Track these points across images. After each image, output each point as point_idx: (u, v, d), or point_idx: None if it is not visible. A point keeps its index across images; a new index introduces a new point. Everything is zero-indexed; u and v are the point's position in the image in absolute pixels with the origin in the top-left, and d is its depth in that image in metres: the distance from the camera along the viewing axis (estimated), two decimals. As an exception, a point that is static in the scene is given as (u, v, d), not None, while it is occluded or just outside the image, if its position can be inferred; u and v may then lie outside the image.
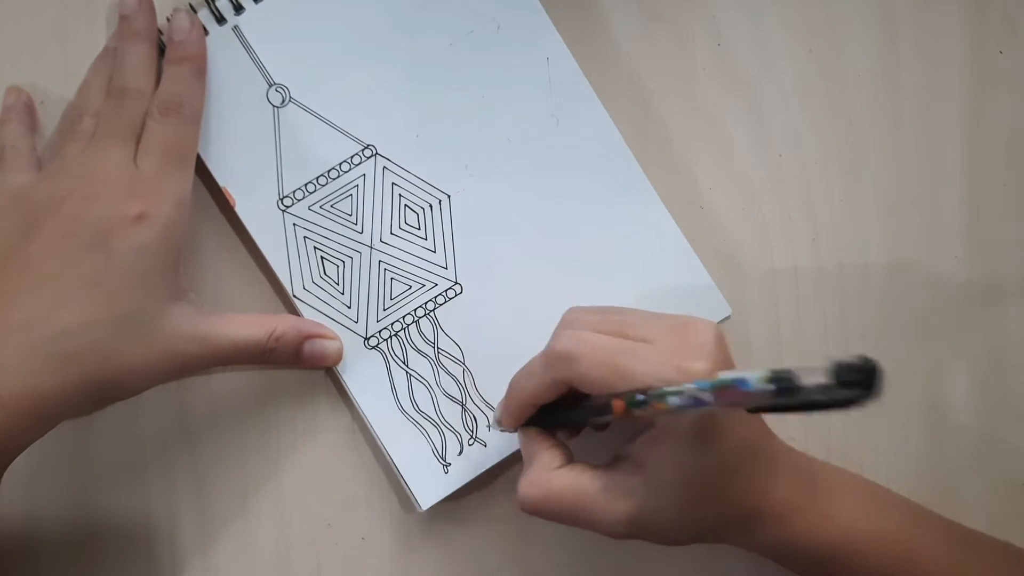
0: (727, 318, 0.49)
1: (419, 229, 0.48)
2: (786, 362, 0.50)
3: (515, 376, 0.44)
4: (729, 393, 0.34)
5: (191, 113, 0.46)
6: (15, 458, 0.43)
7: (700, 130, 0.50)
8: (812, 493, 0.43)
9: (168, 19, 0.46)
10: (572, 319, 0.43)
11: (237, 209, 0.47)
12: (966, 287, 0.51)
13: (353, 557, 0.49)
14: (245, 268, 0.49)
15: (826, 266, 0.51)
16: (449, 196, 0.49)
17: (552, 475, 0.42)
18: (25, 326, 0.42)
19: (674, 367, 0.38)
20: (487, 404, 0.48)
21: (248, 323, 0.46)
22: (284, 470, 0.49)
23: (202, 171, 0.47)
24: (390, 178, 0.48)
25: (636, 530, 0.41)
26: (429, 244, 0.48)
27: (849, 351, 0.50)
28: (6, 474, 0.42)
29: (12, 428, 0.41)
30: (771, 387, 0.33)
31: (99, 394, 0.43)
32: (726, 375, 0.35)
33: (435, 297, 0.48)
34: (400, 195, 0.48)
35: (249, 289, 0.49)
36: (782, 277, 0.50)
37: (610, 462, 0.43)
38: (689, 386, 0.36)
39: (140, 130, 0.45)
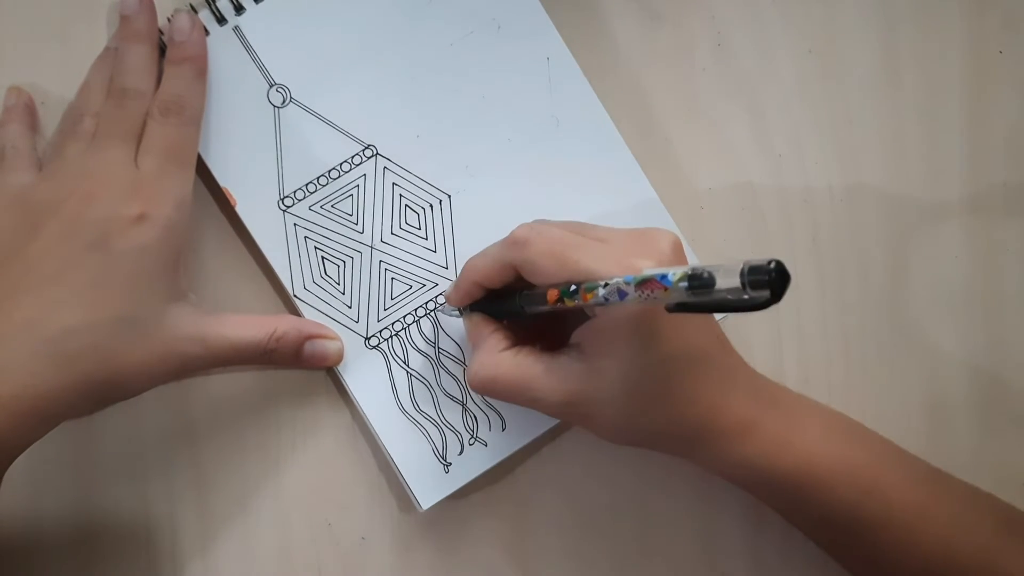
0: (726, 317, 0.49)
1: (420, 229, 0.48)
2: (785, 361, 0.50)
3: (471, 257, 0.45)
4: (649, 285, 0.35)
5: (192, 113, 0.46)
6: (15, 458, 0.43)
7: (700, 130, 0.50)
8: (771, 415, 0.43)
9: (169, 19, 0.46)
10: (541, 219, 0.44)
11: (238, 209, 0.47)
12: (966, 286, 0.51)
13: (353, 557, 0.49)
14: (245, 268, 0.49)
15: (826, 266, 0.51)
16: (449, 196, 0.49)
17: (499, 357, 0.43)
18: (25, 326, 0.42)
19: (616, 262, 0.39)
20: (488, 404, 0.48)
21: (248, 324, 0.46)
22: (284, 470, 0.49)
23: (203, 171, 0.47)
24: (391, 178, 0.48)
25: (575, 412, 0.43)
26: (430, 244, 0.48)
27: (849, 351, 0.51)
28: (6, 474, 0.42)
29: (12, 429, 0.41)
30: (685, 283, 0.34)
31: (99, 394, 0.44)
32: (651, 271, 0.36)
33: (436, 297, 0.48)
34: (401, 195, 0.48)
35: (249, 289, 0.49)
36: (782, 277, 0.50)
37: (557, 350, 0.43)
38: (616, 279, 0.37)
39: (141, 130, 0.45)
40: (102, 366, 0.42)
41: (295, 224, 0.48)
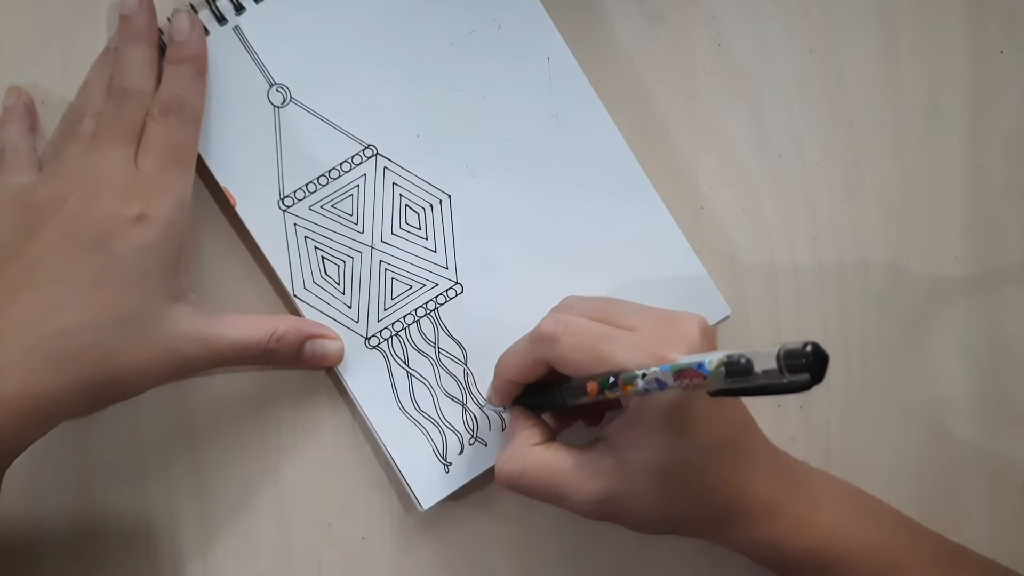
0: (726, 318, 0.49)
1: (420, 229, 0.48)
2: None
3: (502, 355, 0.45)
4: (687, 375, 0.36)
5: (192, 113, 0.46)
6: (15, 458, 0.42)
7: (700, 130, 0.50)
8: (794, 495, 0.43)
9: (169, 19, 0.46)
10: (565, 305, 0.45)
11: (238, 209, 0.47)
12: (966, 287, 0.51)
13: (353, 557, 0.49)
14: (246, 268, 0.49)
15: (826, 266, 0.51)
16: (450, 196, 0.49)
17: (528, 451, 0.43)
18: (25, 326, 0.42)
19: (650, 353, 0.39)
20: (488, 404, 0.48)
21: (248, 324, 0.46)
22: (284, 470, 0.49)
23: (203, 171, 0.47)
24: (391, 178, 0.48)
25: (605, 511, 0.42)
26: (430, 244, 0.48)
27: (849, 351, 0.51)
28: (6, 474, 0.42)
29: (12, 428, 0.41)
30: (722, 371, 0.34)
31: (99, 394, 0.43)
32: (686, 359, 0.36)
33: (436, 297, 0.48)
34: (401, 195, 0.48)
35: (250, 289, 0.49)
36: (782, 277, 0.50)
37: (588, 443, 0.43)
38: (654, 369, 0.37)
39: (141, 130, 0.45)
40: (102, 366, 0.42)
41: (295, 224, 0.48)
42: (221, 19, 0.47)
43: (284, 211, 0.48)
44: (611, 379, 0.39)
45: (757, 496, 0.42)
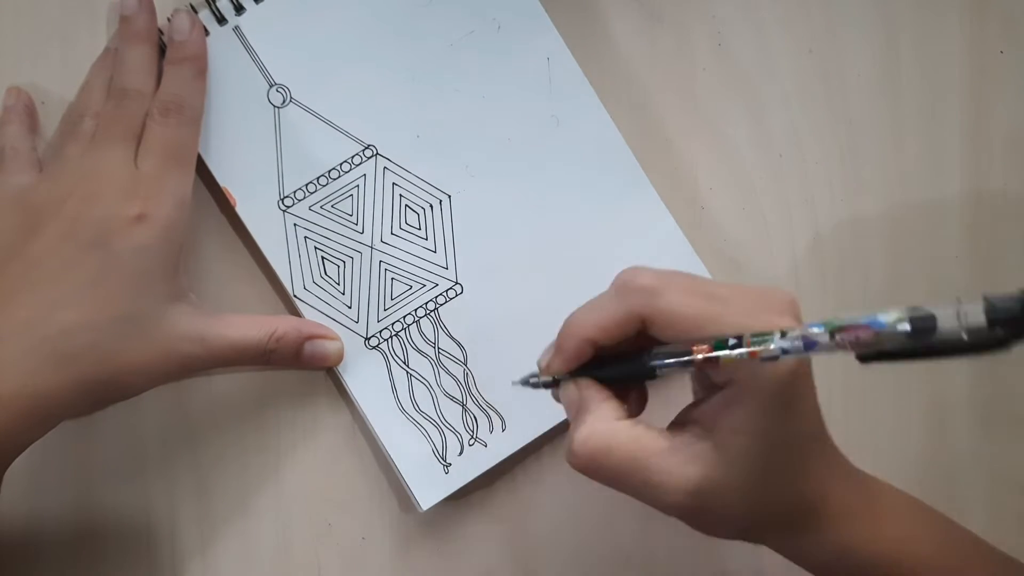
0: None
1: (420, 229, 0.48)
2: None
3: (575, 312, 0.39)
4: (854, 332, 0.31)
5: (192, 113, 0.46)
6: (15, 458, 0.43)
7: (700, 130, 0.50)
8: (868, 499, 0.40)
9: (169, 19, 0.46)
10: (636, 269, 0.38)
11: (238, 209, 0.47)
12: (966, 287, 0.51)
13: (353, 557, 0.49)
14: (245, 268, 0.49)
15: (826, 266, 0.51)
16: (450, 196, 0.49)
17: (615, 426, 0.37)
18: (25, 326, 0.42)
19: (763, 319, 0.35)
20: (488, 404, 0.48)
21: (248, 324, 0.46)
22: (284, 470, 0.49)
23: (203, 171, 0.47)
24: (391, 178, 0.48)
25: (696, 504, 0.37)
26: (430, 244, 0.48)
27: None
28: (6, 474, 0.42)
29: (12, 428, 0.41)
30: (906, 326, 0.30)
31: (99, 394, 0.44)
32: (852, 318, 0.31)
33: (436, 297, 0.48)
34: (401, 195, 0.48)
35: (249, 289, 0.49)
36: (782, 277, 0.50)
37: (674, 426, 0.39)
38: (799, 330, 0.32)
39: (141, 131, 0.45)
40: (102, 366, 0.42)
41: (295, 224, 0.48)
42: (221, 19, 0.47)
43: (284, 211, 0.48)
44: (731, 341, 0.34)
45: (836, 497, 0.39)
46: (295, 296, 0.48)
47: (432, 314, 0.48)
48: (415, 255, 0.48)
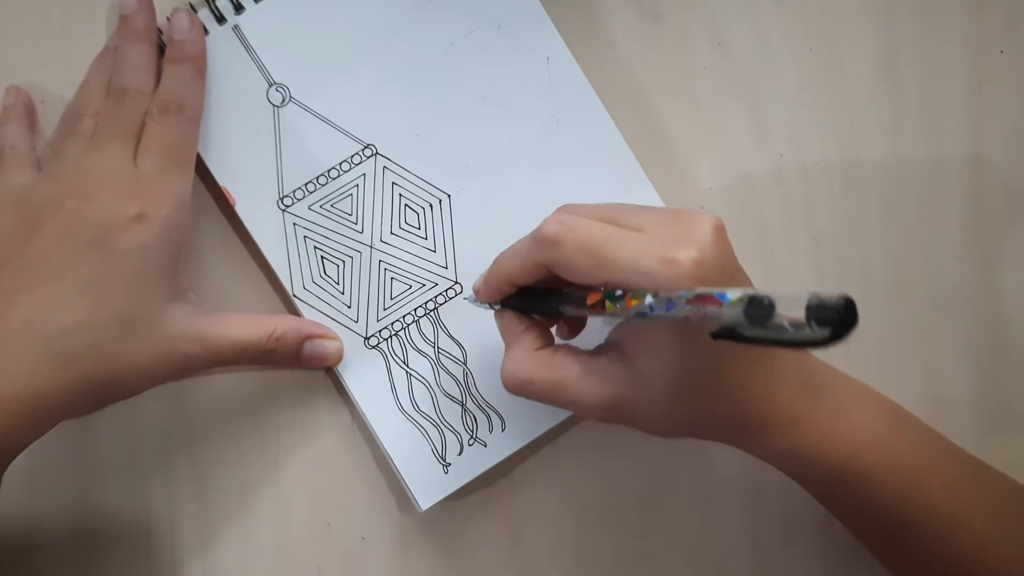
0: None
1: (419, 229, 0.48)
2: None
3: (502, 253, 0.43)
4: (705, 301, 0.33)
5: (191, 113, 0.46)
6: (15, 458, 0.43)
7: (700, 130, 0.50)
8: (820, 406, 0.42)
9: (168, 18, 0.46)
10: (569, 206, 0.42)
11: (237, 209, 0.47)
12: (966, 287, 0.51)
13: (353, 557, 0.49)
14: (245, 268, 0.49)
15: (826, 266, 0.51)
16: (449, 196, 0.49)
17: (534, 356, 0.42)
18: (25, 326, 0.42)
19: (658, 257, 0.37)
20: (487, 404, 0.48)
21: (248, 324, 0.46)
22: (284, 470, 0.49)
23: (202, 171, 0.47)
24: (390, 178, 0.48)
25: (615, 416, 0.41)
26: (429, 244, 0.48)
27: (850, 351, 0.50)
28: (6, 474, 0.42)
29: (12, 428, 0.41)
30: (742, 310, 0.32)
31: (99, 394, 0.44)
32: (705, 289, 0.34)
33: (435, 297, 0.48)
34: (400, 195, 0.48)
35: (249, 289, 0.49)
36: (782, 277, 0.50)
37: (596, 348, 0.42)
38: (666, 293, 0.35)
39: (140, 130, 0.45)
40: (101, 365, 0.42)
41: (294, 224, 0.48)
42: (220, 18, 0.47)
43: (283, 211, 0.48)
44: (617, 292, 0.37)
45: (780, 406, 0.41)
46: (295, 296, 0.48)
47: (432, 314, 0.48)
48: (415, 255, 0.48)
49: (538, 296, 0.43)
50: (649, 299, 0.36)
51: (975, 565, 0.42)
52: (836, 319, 0.30)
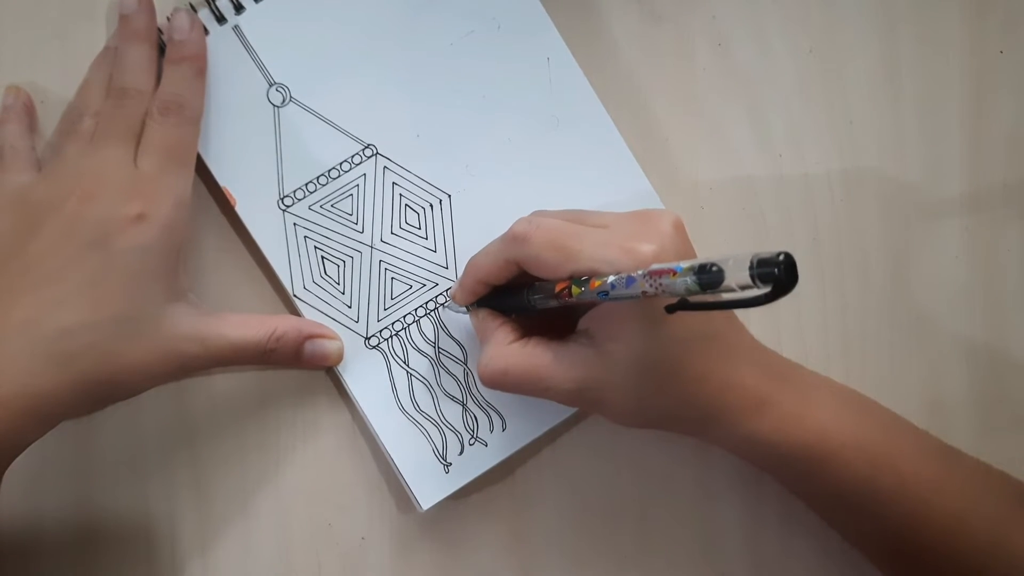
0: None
1: (420, 229, 0.48)
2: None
3: (474, 256, 0.45)
4: (658, 273, 0.35)
5: (191, 113, 0.46)
6: (15, 458, 0.43)
7: (700, 130, 0.50)
8: (784, 391, 0.43)
9: (168, 18, 0.46)
10: (538, 211, 0.44)
11: (237, 209, 0.47)
12: (966, 287, 0.51)
13: (353, 557, 0.49)
14: (245, 268, 0.49)
15: (826, 266, 0.51)
16: (450, 196, 0.49)
17: (508, 349, 0.44)
18: (25, 326, 0.42)
19: (619, 247, 0.39)
20: (488, 404, 0.48)
21: (248, 324, 0.46)
22: (284, 470, 0.49)
23: (202, 171, 0.47)
24: (391, 178, 0.48)
25: (586, 399, 0.43)
26: (430, 244, 0.48)
27: (849, 351, 0.51)
28: (6, 474, 0.42)
29: (12, 428, 0.41)
30: (693, 276, 0.34)
31: (99, 394, 0.44)
32: (658, 265, 0.36)
33: (436, 297, 0.48)
34: (401, 195, 0.48)
35: (249, 289, 0.49)
36: (782, 277, 0.50)
37: (566, 337, 0.43)
38: (625, 274, 0.37)
39: (140, 130, 0.45)
40: (101, 366, 0.42)
41: (295, 224, 0.48)
42: (221, 18, 0.47)
43: (284, 211, 0.48)
44: (584, 278, 0.39)
45: (742, 391, 0.42)
46: (295, 296, 0.48)
47: (432, 313, 0.48)
48: (415, 255, 0.48)
49: (511, 292, 0.44)
50: (611, 278, 0.38)
51: (949, 539, 0.43)
52: (775, 275, 0.32)
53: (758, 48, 0.51)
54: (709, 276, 0.34)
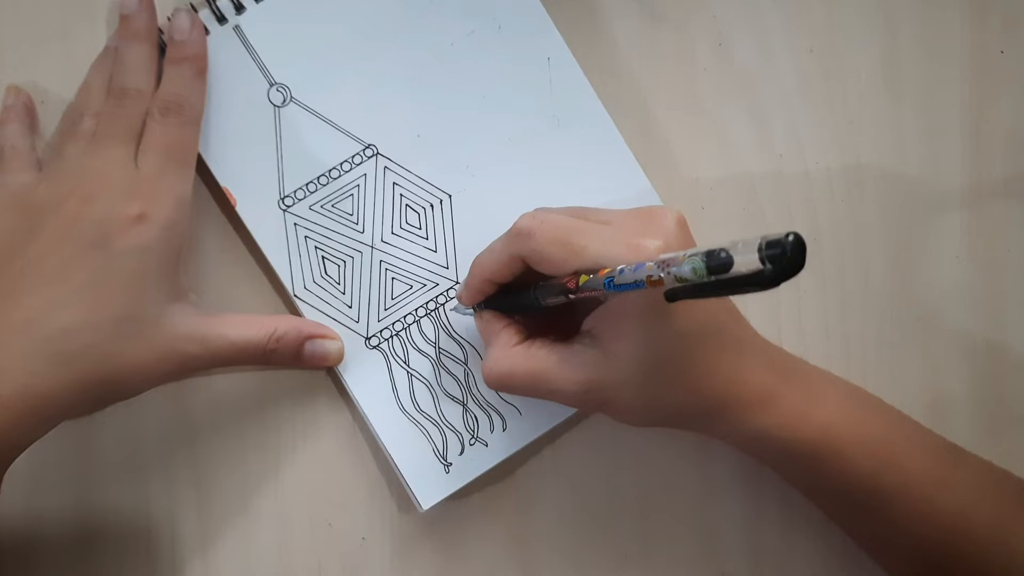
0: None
1: (420, 229, 0.48)
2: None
3: (478, 255, 0.45)
4: (668, 262, 0.35)
5: (192, 113, 0.46)
6: (15, 458, 0.43)
7: (700, 130, 0.50)
8: (789, 386, 0.43)
9: (169, 18, 0.46)
10: (541, 207, 0.44)
11: (238, 209, 0.47)
12: (966, 287, 0.51)
13: (353, 557, 0.49)
14: (246, 268, 0.49)
15: (826, 266, 0.51)
16: (450, 196, 0.49)
17: (513, 351, 0.44)
18: (25, 326, 0.42)
19: (625, 244, 0.39)
20: (488, 404, 0.48)
21: (248, 324, 0.46)
22: (284, 470, 0.49)
23: (203, 171, 0.47)
24: (391, 178, 0.48)
25: (593, 399, 0.42)
26: (430, 244, 0.48)
27: (850, 351, 0.51)
28: (6, 474, 0.42)
29: (12, 428, 0.41)
30: (700, 259, 0.34)
31: (99, 394, 0.43)
32: (665, 255, 0.36)
33: (436, 297, 0.48)
34: (401, 195, 0.48)
35: (250, 289, 0.49)
36: (782, 277, 0.50)
37: (571, 339, 0.43)
38: (634, 264, 0.37)
39: (141, 130, 0.45)
40: (102, 366, 0.42)
41: (295, 224, 0.48)
42: (221, 18, 0.47)
43: (284, 211, 0.48)
44: (592, 274, 0.39)
45: (749, 386, 0.42)
46: (295, 296, 0.48)
47: (433, 313, 0.48)
48: (416, 255, 0.48)
49: (517, 291, 0.44)
50: (620, 268, 0.38)
51: (952, 536, 0.43)
52: (783, 252, 0.31)
53: (758, 48, 0.51)
54: (718, 261, 0.33)
